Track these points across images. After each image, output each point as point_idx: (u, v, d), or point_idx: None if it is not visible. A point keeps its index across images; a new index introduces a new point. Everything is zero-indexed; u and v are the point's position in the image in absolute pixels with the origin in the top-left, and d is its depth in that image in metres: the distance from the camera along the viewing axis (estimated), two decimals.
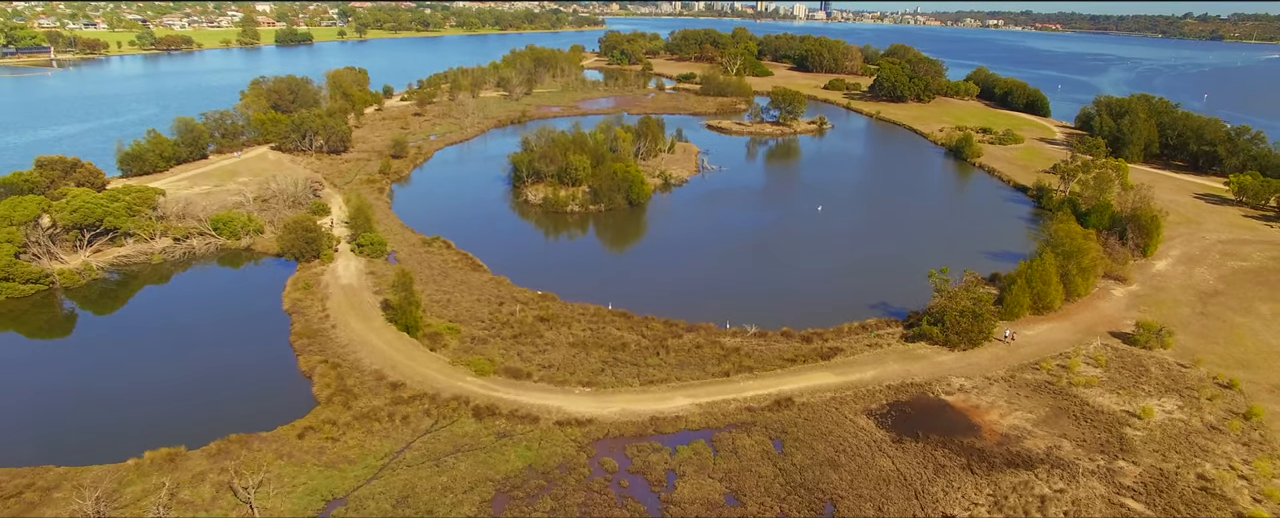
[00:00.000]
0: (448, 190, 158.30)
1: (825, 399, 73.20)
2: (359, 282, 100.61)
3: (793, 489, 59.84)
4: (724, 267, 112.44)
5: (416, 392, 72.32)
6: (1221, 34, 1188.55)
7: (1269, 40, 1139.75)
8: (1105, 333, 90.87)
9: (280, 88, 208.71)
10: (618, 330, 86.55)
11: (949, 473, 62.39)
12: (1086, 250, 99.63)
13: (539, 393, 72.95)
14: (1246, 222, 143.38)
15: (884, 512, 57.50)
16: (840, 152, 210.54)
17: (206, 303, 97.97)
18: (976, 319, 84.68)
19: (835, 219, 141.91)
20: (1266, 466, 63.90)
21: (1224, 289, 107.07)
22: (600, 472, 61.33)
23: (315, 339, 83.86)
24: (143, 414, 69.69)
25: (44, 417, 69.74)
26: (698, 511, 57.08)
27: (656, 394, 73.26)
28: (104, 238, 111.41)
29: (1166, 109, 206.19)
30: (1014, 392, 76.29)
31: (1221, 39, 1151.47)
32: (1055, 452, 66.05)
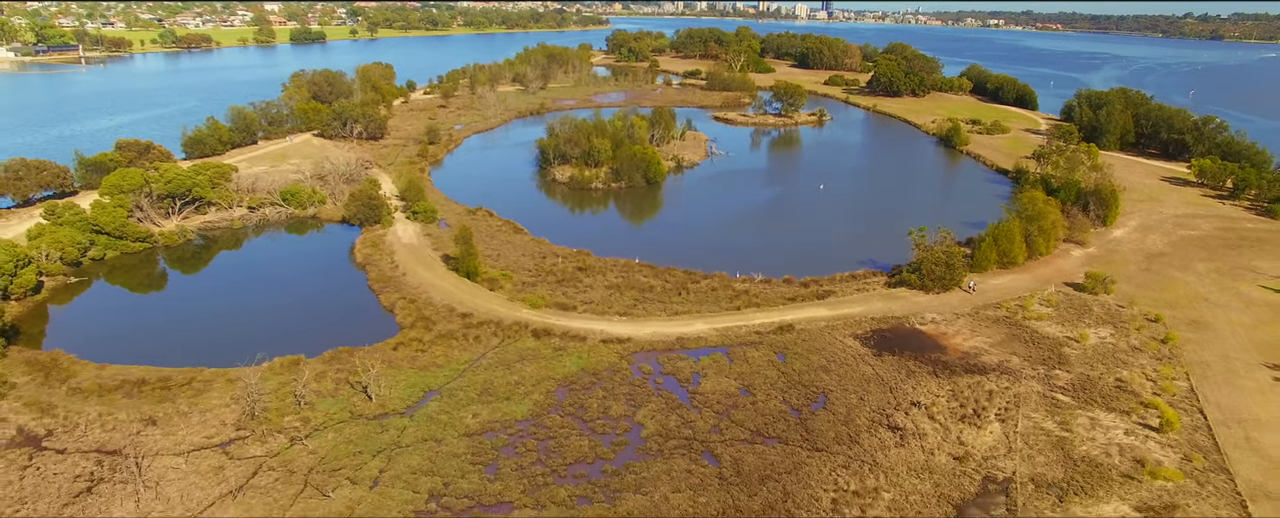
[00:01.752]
0: (480, 172, 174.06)
1: (820, 327, 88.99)
2: (418, 242, 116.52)
3: (792, 385, 75.65)
4: (733, 232, 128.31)
5: (483, 319, 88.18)
6: (1221, 34, 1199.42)
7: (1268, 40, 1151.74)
8: (1060, 283, 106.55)
9: (319, 80, 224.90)
10: (644, 278, 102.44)
11: (918, 376, 78.17)
12: (1047, 214, 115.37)
13: (584, 320, 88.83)
14: (1204, 200, 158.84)
15: (864, 401, 73.25)
16: (838, 140, 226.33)
17: (289, 259, 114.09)
18: (949, 268, 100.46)
19: (833, 195, 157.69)
20: (1169, 370, 79.70)
21: (1170, 252, 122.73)
22: (639, 373, 77.14)
23: (390, 283, 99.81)
24: (260, 336, 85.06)
25: (182, 337, 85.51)
26: (718, 399, 72.80)
27: (681, 322, 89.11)
28: (191, 206, 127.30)
29: (1141, 101, 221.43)
30: (976, 323, 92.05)
31: (1221, 38, 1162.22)
32: (1005, 363, 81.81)
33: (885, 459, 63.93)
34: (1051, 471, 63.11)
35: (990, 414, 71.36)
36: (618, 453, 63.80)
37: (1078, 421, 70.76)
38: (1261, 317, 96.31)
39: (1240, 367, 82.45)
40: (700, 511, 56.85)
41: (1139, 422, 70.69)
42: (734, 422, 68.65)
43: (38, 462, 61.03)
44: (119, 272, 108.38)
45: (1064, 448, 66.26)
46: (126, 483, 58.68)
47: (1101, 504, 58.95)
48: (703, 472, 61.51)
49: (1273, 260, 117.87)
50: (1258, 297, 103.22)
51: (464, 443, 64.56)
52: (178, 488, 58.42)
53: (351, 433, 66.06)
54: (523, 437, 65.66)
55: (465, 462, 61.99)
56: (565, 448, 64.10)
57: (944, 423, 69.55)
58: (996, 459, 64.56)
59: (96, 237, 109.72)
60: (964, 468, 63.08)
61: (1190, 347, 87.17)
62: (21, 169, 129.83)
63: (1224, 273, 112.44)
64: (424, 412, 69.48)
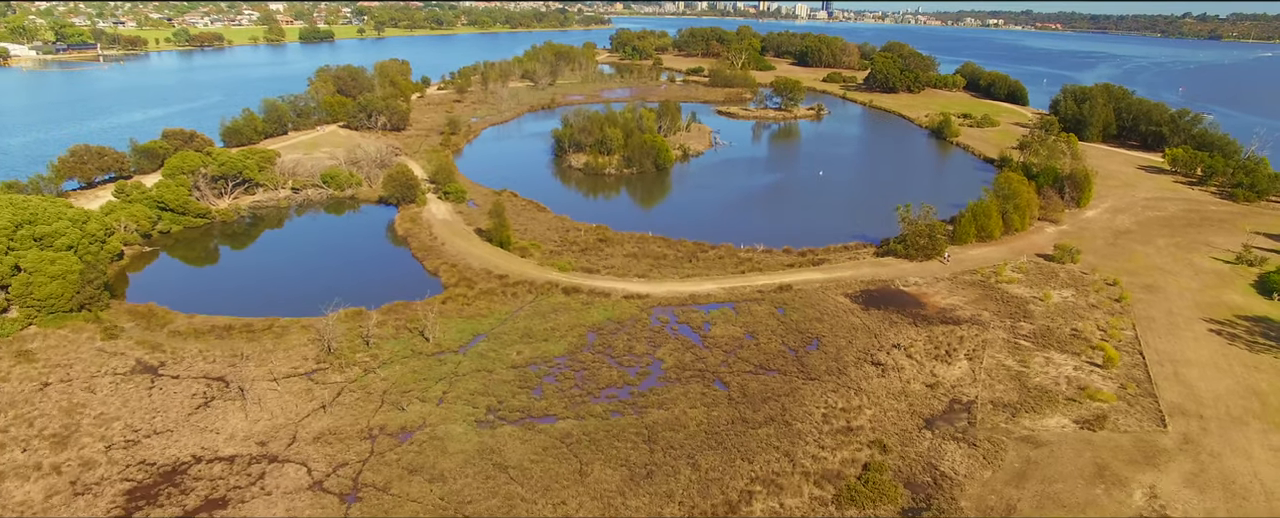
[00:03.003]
0: (500, 160, 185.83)
1: (815, 287, 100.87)
2: (452, 218, 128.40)
3: (790, 332, 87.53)
4: (737, 212, 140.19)
5: (518, 280, 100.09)
6: (1220, 34, 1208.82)
7: (1266, 39, 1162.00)
8: (1032, 254, 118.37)
9: (343, 75, 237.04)
10: (658, 248, 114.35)
11: (899, 326, 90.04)
12: (1022, 194, 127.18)
13: (607, 281, 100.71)
14: (1175, 186, 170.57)
15: (852, 343, 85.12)
16: (836, 132, 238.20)
17: (336, 233, 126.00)
18: (931, 239, 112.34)
19: (829, 180, 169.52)
20: (1118, 322, 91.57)
21: (1136, 229, 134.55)
22: (657, 322, 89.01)
23: (431, 252, 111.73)
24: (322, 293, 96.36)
25: (252, 296, 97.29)
26: (726, 342, 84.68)
27: (692, 282, 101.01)
28: (240, 187, 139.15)
29: (1123, 95, 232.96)
30: (954, 286, 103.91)
31: (1220, 38, 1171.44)
32: (976, 317, 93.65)
33: (868, 386, 75.84)
34: (1008, 395, 74.98)
35: (960, 355, 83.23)
36: (642, 380, 75.70)
37: (1035, 359, 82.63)
38: (1207, 283, 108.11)
39: (1181, 321, 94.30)
40: (713, 421, 68.71)
41: (1087, 361, 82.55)
42: (740, 358, 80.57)
43: (159, 384, 72.95)
44: (182, 244, 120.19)
45: (1021, 379, 78.14)
46: (234, 400, 70.56)
47: (1046, 419, 70.83)
48: (714, 394, 73.41)
49: (1227, 237, 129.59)
50: (1207, 266, 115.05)
51: (512, 373, 76.49)
52: (277, 404, 70.29)
53: (414, 366, 77.95)
54: (561, 368, 77.57)
55: (514, 386, 73.89)
56: (598, 377, 76.02)
57: (920, 360, 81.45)
58: (963, 387, 76.43)
59: (162, 213, 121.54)
60: (934, 393, 74.96)
61: (1140, 305, 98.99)
62: (86, 154, 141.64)
63: (1181, 247, 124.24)
64: (475, 350, 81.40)
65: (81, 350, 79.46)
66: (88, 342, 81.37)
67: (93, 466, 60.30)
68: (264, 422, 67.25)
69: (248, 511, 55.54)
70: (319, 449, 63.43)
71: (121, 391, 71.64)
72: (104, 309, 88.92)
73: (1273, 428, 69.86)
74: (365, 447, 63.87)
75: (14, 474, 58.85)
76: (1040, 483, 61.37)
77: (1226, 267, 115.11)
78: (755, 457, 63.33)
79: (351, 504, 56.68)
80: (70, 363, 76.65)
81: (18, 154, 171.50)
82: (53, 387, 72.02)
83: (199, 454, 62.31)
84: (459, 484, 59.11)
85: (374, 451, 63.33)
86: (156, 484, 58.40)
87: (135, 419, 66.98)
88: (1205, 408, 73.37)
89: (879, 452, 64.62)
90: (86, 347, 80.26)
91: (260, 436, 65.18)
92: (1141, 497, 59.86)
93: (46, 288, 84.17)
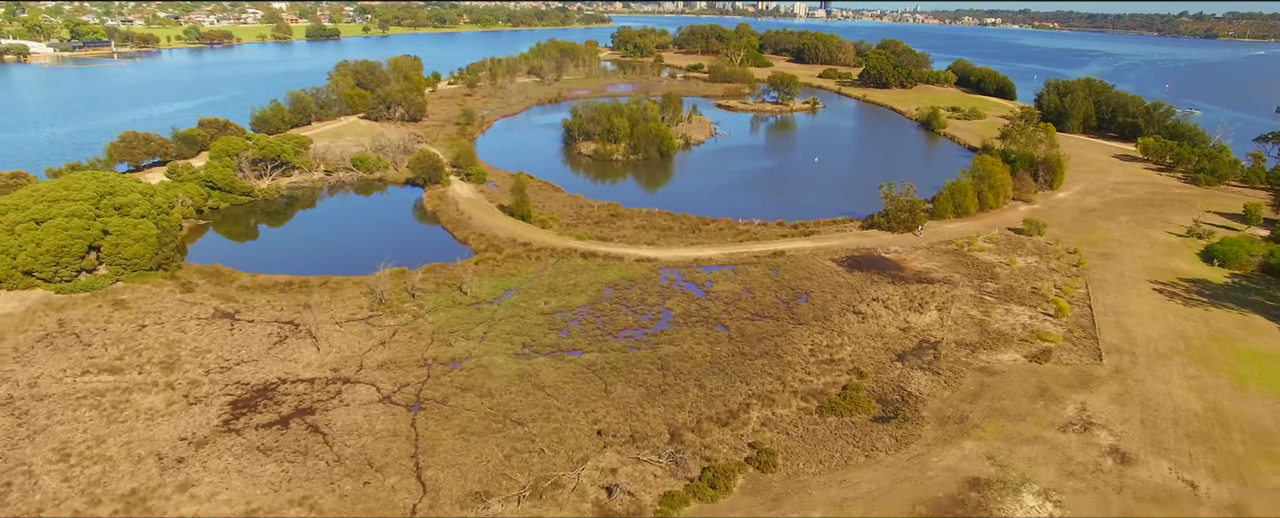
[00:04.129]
0: (513, 148, 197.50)
1: (805, 253, 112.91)
2: (475, 197, 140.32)
3: (782, 288, 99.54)
4: (736, 193, 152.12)
5: (541, 246, 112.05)
6: (1216, 32, 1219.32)
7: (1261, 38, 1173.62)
8: (1003, 228, 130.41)
9: (361, 69, 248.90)
10: (664, 222, 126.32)
11: (878, 284, 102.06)
12: (995, 174, 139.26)
13: (620, 247, 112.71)
14: (1145, 173, 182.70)
15: (837, 297, 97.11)
16: (830, 125, 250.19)
17: (370, 209, 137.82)
18: (911, 213, 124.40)
19: (822, 166, 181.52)
20: (1073, 282, 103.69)
21: (1102, 208, 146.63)
22: (666, 280, 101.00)
23: (460, 224, 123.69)
24: (366, 258, 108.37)
25: (302, 261, 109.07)
26: (726, 295, 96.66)
27: (696, 249, 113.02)
28: (278, 169, 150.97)
29: (1103, 89, 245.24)
30: (930, 254, 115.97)
31: (1216, 37, 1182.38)
32: (948, 278, 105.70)
33: (849, 329, 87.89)
34: (970, 337, 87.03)
35: (931, 307, 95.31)
36: (654, 324, 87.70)
37: (996, 310, 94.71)
38: (1158, 252, 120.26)
39: (1129, 282, 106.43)
40: (716, 354, 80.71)
41: (1042, 312, 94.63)
42: (738, 308, 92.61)
43: (238, 327, 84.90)
44: (228, 220, 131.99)
45: (982, 325, 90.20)
46: (305, 338, 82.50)
47: (1001, 354, 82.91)
48: (716, 335, 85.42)
49: (1184, 215, 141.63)
50: (1161, 239, 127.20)
51: (542, 318, 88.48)
52: (342, 341, 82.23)
53: (456, 313, 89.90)
54: (584, 315, 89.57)
55: (545, 328, 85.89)
56: (616, 321, 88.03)
57: (895, 310, 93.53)
58: (932, 331, 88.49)
59: (212, 191, 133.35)
60: (907, 335, 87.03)
61: (1095, 269, 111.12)
62: (134, 140, 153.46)
63: (1141, 223, 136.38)
64: (507, 302, 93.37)
65: (165, 301, 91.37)
66: (169, 294, 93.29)
67: (198, 384, 72.27)
68: (333, 354, 79.22)
69: (333, 417, 67.47)
70: (383, 374, 75.40)
71: (207, 331, 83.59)
72: (178, 269, 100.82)
73: (1191, 362, 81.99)
74: (422, 372, 75.86)
75: (138, 389, 70.78)
76: (990, 400, 73.45)
77: (1178, 239, 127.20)
78: (752, 380, 75.39)
79: (417, 413, 68.60)
80: (159, 310, 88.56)
81: (65, 142, 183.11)
82: (149, 328, 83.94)
83: (283, 377, 74.26)
84: (505, 399, 71.09)
85: (430, 375, 75.31)
86: (253, 397, 70.34)
87: (224, 352, 78.94)
88: (1137, 347, 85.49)
89: (856, 377, 76.64)
90: (169, 298, 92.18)
91: (332, 364, 77.14)
92: (1073, 409, 71.92)
93: (131, 249, 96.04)
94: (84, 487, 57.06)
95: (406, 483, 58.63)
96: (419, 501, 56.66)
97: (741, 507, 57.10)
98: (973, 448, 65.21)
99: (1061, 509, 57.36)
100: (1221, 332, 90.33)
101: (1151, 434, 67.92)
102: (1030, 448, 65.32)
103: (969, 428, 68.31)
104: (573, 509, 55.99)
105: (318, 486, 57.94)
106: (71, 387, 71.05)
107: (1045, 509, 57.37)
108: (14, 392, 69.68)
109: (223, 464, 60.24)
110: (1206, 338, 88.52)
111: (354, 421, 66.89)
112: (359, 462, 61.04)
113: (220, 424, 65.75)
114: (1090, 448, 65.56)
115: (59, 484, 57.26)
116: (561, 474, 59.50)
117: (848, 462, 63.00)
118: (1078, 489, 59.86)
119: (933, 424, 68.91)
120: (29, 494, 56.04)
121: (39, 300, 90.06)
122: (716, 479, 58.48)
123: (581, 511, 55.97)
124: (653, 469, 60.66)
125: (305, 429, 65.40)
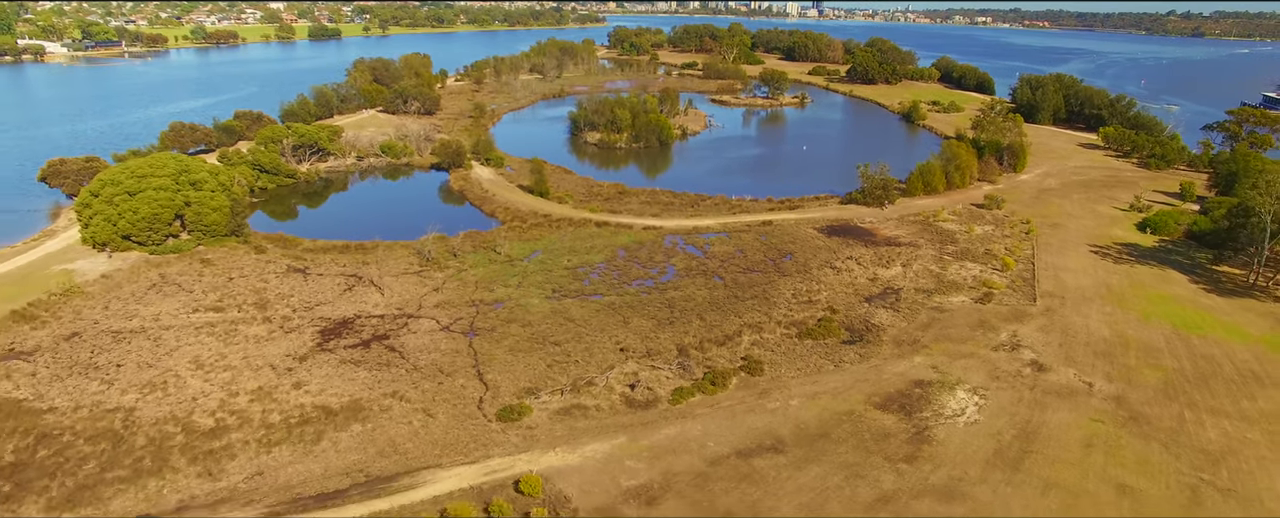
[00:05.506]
0: (523, 139, 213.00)
1: (790, 223, 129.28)
2: (495, 178, 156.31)
3: (770, 249, 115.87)
4: (730, 176, 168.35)
5: (560, 218, 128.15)
6: (1202, 31, 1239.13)
7: (1246, 36, 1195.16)
8: (967, 204, 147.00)
9: (377, 65, 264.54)
10: (667, 198, 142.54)
11: (853, 246, 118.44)
12: (961, 157, 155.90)
13: (629, 218, 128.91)
14: (1105, 159, 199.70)
15: (816, 256, 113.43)
16: (817, 118, 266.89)
17: (402, 190, 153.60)
18: (885, 189, 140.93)
19: (809, 153, 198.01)
20: (1022, 245, 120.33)
21: (1059, 188, 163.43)
22: (670, 243, 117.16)
23: (486, 200, 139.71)
24: (408, 226, 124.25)
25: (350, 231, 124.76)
26: (721, 255, 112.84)
27: (695, 220, 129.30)
28: (315, 155, 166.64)
29: (1072, 84, 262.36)
30: (900, 224, 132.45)
31: (1202, 35, 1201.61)
32: (914, 242, 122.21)
33: (825, 280, 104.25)
34: (927, 285, 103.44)
35: (897, 263, 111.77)
36: (661, 275, 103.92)
37: (952, 266, 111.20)
38: (1102, 223, 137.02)
39: (1070, 245, 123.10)
40: (714, 297, 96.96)
41: (991, 267, 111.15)
42: (732, 264, 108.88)
43: (310, 279, 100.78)
44: (275, 199, 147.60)
45: (938, 277, 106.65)
46: (370, 287, 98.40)
47: (952, 297, 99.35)
48: (714, 284, 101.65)
49: (1132, 194, 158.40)
50: (1106, 212, 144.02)
51: (566, 272, 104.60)
52: (400, 288, 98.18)
53: (493, 269, 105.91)
54: (602, 269, 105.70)
55: (569, 278, 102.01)
56: (629, 274, 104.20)
57: (866, 266, 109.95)
58: (896, 281, 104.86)
59: (259, 174, 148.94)
60: (874, 284, 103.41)
61: (1043, 236, 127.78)
62: (182, 129, 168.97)
63: (1091, 200, 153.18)
64: (536, 260, 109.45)
65: (243, 260, 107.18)
66: (245, 255, 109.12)
67: (289, 318, 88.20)
68: (396, 297, 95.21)
69: (405, 340, 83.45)
70: (439, 311, 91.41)
71: (286, 281, 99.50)
72: (248, 235, 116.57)
73: (1109, 304, 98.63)
74: (471, 310, 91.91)
75: (242, 322, 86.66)
76: (939, 329, 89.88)
77: (1121, 213, 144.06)
78: (744, 314, 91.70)
79: (472, 338, 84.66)
80: (240, 267, 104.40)
81: (111, 133, 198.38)
82: (236, 279, 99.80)
83: (358, 314, 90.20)
84: (542, 328, 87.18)
85: (478, 312, 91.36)
86: (337, 328, 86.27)
87: (304, 296, 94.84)
88: (1067, 293, 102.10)
89: (830, 313, 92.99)
90: (246, 258, 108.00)
91: (396, 305, 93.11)
92: (1006, 335, 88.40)
93: (210, 217, 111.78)
94: (221, 385, 72.94)
95: (472, 384, 74.69)
96: (484, 395, 72.69)
97: (735, 398, 73.37)
98: (921, 361, 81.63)
99: (985, 400, 73.76)
100: (1140, 282, 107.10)
101: (1065, 352, 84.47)
102: (966, 361, 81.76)
103: (919, 348, 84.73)
104: (604, 400, 72.14)
105: (402, 385, 73.95)
106: (187, 320, 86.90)
107: (972, 401, 73.74)
108: (145, 324, 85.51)
109: (324, 372, 76.19)
110: (1126, 286, 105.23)
111: (422, 343, 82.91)
112: (432, 370, 77.09)
113: (315, 346, 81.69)
114: (1015, 361, 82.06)
115: (201, 383, 73.15)
116: (594, 377, 75.69)
117: (820, 370, 79.34)
118: (1000, 388, 76.31)
119: (890, 345, 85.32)
120: (182, 388, 71.90)
121: (139, 259, 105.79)
122: (716, 379, 74.74)
123: (612, 401, 72.11)
124: (665, 373, 76.88)
125: (384, 349, 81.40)
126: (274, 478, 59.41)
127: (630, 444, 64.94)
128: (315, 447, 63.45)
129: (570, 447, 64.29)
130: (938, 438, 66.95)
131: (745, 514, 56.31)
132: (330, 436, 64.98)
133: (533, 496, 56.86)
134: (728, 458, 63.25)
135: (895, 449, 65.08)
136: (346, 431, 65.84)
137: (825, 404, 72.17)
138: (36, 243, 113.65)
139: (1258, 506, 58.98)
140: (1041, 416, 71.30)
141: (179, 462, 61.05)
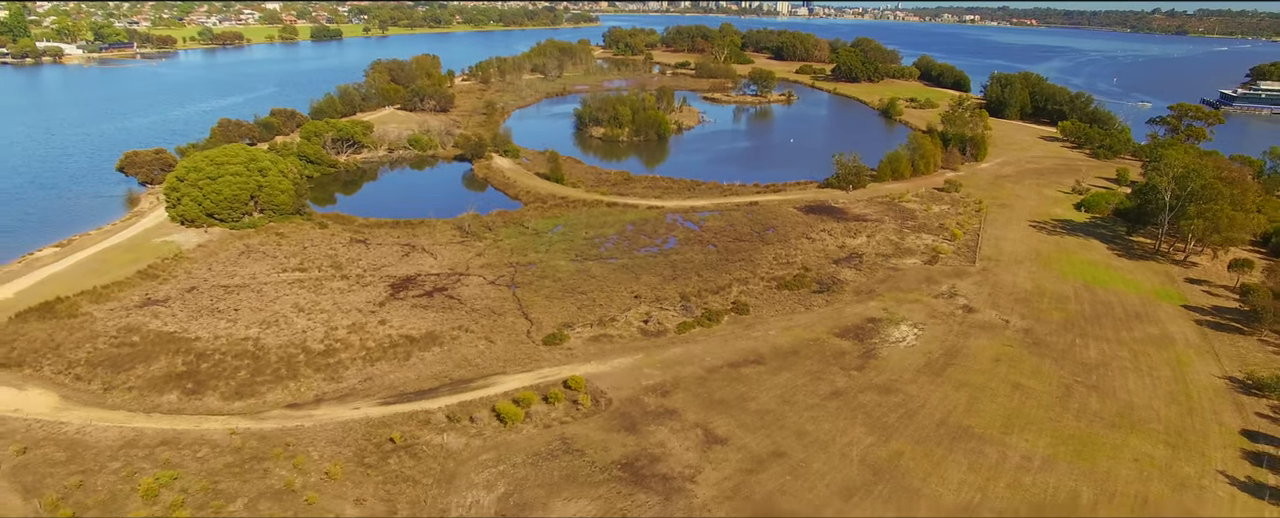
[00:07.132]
0: (532, 133, 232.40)
1: (774, 203, 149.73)
2: (514, 167, 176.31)
3: (755, 224, 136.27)
4: (722, 166, 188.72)
5: (575, 199, 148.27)
6: (1186, 29, 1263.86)
7: (1229, 34, 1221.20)
8: (930, 188, 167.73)
9: (393, 66, 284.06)
10: (667, 184, 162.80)
11: (826, 221, 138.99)
12: (925, 147, 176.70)
13: (634, 199, 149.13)
14: (1061, 150, 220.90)
15: (795, 230, 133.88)
16: (803, 114, 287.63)
17: (431, 178, 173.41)
18: (857, 175, 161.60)
19: (791, 145, 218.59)
20: (972, 220, 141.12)
21: (1014, 175, 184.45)
22: (671, 220, 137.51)
23: (508, 185, 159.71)
24: (446, 207, 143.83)
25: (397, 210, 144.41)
26: (715, 228, 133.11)
27: (691, 201, 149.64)
28: (350, 147, 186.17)
29: (1038, 82, 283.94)
30: (869, 204, 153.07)
31: (1186, 33, 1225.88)
32: (879, 219, 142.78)
33: (802, 247, 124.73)
34: (887, 250, 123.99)
35: (863, 234, 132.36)
36: (665, 244, 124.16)
37: (909, 237, 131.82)
38: (1045, 203, 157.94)
39: (1014, 221, 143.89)
40: (709, 260, 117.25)
41: (942, 237, 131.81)
42: (724, 236, 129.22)
43: (372, 248, 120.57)
44: (319, 186, 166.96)
45: (897, 244, 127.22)
46: (422, 253, 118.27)
47: (905, 260, 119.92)
48: (708, 250, 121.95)
49: (1075, 178, 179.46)
50: (1051, 195, 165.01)
51: (585, 241, 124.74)
52: (449, 254, 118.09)
53: (524, 239, 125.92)
54: (615, 239, 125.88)
55: (589, 246, 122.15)
56: (638, 243, 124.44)
57: (837, 237, 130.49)
58: (861, 248, 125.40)
59: (307, 164, 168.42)
60: (842, 250, 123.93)
61: (992, 213, 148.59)
62: (230, 125, 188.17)
63: (1040, 184, 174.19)
64: (558, 232, 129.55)
65: (310, 234, 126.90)
66: (311, 230, 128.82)
67: (363, 276, 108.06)
68: (446, 261, 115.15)
69: (460, 291, 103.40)
70: (484, 271, 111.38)
71: (352, 249, 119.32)
72: (310, 214, 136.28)
73: (1036, 265, 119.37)
74: (509, 270, 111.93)
75: (324, 279, 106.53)
76: (892, 283, 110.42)
77: (1063, 195, 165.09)
78: (733, 272, 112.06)
79: (515, 289, 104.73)
80: (311, 239, 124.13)
81: (159, 129, 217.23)
82: (309, 248, 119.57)
83: (417, 273, 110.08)
84: (570, 282, 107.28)
85: (516, 271, 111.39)
86: (403, 283, 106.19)
87: (370, 260, 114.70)
88: (1003, 257, 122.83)
89: (804, 271, 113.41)
90: (312, 232, 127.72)
91: (448, 266, 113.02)
92: (946, 287, 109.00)
93: (279, 198, 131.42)
94: (321, 323, 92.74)
95: (520, 321, 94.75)
96: (530, 328, 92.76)
97: (727, 330, 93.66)
98: (875, 305, 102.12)
99: (922, 331, 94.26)
100: (1066, 249, 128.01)
101: (992, 299, 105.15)
102: (912, 305, 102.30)
103: (874, 296, 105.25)
104: (625, 331, 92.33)
105: (465, 321, 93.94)
106: (279, 278, 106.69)
107: (912, 332, 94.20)
108: (245, 280, 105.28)
109: (401, 313, 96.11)
110: (1054, 252, 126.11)
111: (475, 293, 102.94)
112: (486, 311, 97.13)
113: (388, 296, 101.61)
114: (950, 305, 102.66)
115: (305, 321, 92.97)
116: (615, 315, 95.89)
117: (793, 311, 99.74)
118: (935, 323, 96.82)
119: (851, 294, 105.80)
120: (291, 325, 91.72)
121: (223, 233, 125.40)
122: (712, 316, 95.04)
123: (630, 332, 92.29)
124: (671, 313, 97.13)
125: (444, 298, 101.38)
126: (381, 381, 79.42)
127: (647, 359, 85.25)
128: (407, 362, 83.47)
129: (601, 361, 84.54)
130: (882, 355, 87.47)
131: (735, 401, 76.64)
132: (417, 354, 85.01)
133: (578, 389, 77.00)
134: (721, 368, 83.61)
135: (849, 362, 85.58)
136: (429, 351, 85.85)
137: (797, 334, 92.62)
138: (129, 222, 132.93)
139: (1111, 398, 79.69)
140: (965, 342, 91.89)
141: (306, 371, 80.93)
